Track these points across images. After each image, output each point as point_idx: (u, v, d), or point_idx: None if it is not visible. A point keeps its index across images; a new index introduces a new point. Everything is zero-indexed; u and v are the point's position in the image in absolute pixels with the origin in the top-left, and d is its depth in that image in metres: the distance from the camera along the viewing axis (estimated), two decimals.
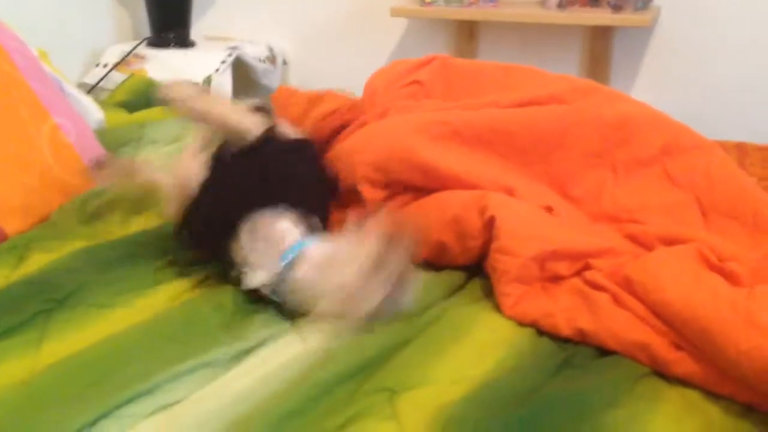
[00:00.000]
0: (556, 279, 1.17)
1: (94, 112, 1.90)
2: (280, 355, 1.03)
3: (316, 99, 1.61)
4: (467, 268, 1.25)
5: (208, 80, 2.53)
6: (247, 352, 1.03)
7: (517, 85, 1.49)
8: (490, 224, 1.19)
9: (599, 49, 2.58)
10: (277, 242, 1.10)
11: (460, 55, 2.66)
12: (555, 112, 1.38)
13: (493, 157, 1.34)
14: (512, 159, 1.34)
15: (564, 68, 2.56)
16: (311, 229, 1.13)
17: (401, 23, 2.79)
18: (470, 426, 0.89)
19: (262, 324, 1.09)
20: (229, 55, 2.64)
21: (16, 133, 1.46)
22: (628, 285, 1.09)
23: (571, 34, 2.62)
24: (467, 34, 2.71)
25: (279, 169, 1.22)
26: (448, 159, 1.31)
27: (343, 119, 1.51)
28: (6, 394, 0.90)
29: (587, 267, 1.17)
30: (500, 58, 2.65)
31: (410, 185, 1.33)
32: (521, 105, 1.40)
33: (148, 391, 0.92)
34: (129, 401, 0.89)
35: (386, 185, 1.33)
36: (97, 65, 2.63)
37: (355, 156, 1.34)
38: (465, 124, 1.35)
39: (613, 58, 2.60)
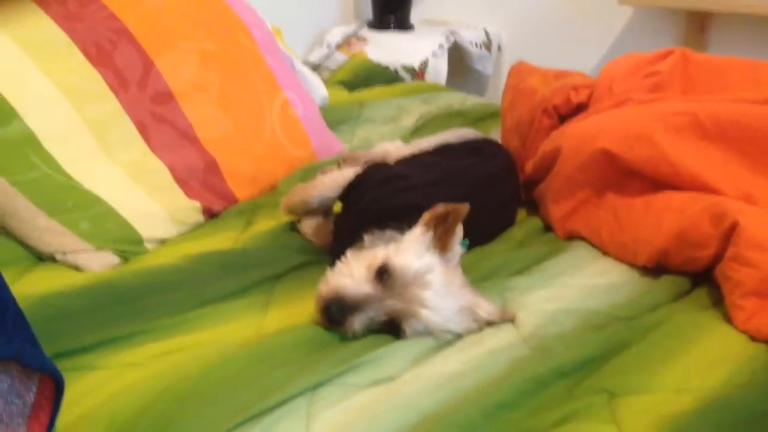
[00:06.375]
0: None
1: (319, 89, 1.97)
2: (491, 340, 1.02)
3: (562, 73, 1.60)
4: (692, 273, 1.18)
5: (424, 64, 2.55)
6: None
7: (766, 83, 1.37)
8: (729, 231, 1.10)
9: None
10: None
11: (689, 47, 2.49)
12: None
13: (735, 155, 1.24)
14: (757, 159, 1.23)
15: None
16: None
17: (626, 12, 2.66)
18: None
19: None
20: (447, 39, 2.64)
21: (251, 104, 1.54)
22: None
23: None
24: (698, 25, 2.54)
25: None
26: (687, 154, 1.23)
27: (588, 96, 1.49)
28: (237, 351, 0.95)
29: None
30: (734, 53, 2.48)
31: (641, 173, 1.27)
32: None
33: (367, 365, 0.94)
34: (348, 372, 0.92)
35: (618, 170, 1.30)
36: (321, 45, 2.73)
37: (596, 138, 1.31)
38: (709, 116, 1.25)
39: None
